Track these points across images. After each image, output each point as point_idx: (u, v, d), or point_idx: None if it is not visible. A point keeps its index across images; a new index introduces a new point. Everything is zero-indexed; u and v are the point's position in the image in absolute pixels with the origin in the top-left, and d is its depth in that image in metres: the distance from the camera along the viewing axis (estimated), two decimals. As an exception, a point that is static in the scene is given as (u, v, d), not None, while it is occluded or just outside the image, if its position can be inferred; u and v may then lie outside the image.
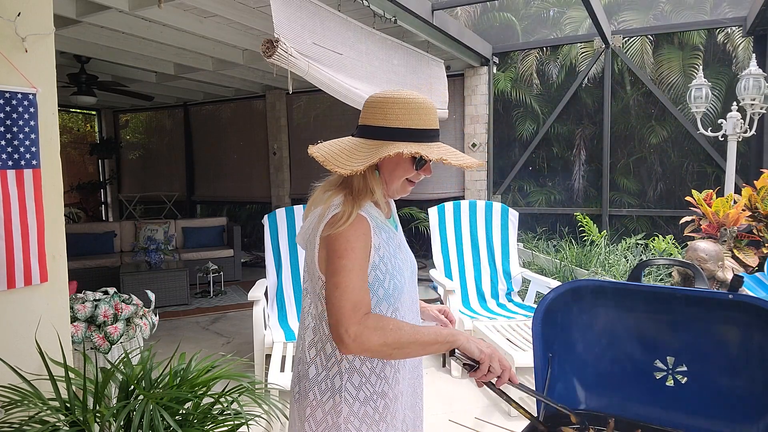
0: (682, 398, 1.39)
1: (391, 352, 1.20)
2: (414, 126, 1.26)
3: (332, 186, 1.34)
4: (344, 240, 1.23)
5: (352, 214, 1.25)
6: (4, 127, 1.99)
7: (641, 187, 6.24)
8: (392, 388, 1.34)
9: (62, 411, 1.74)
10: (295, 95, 8.13)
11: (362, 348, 1.17)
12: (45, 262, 2.15)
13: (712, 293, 1.32)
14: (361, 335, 1.16)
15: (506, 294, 4.67)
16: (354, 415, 1.29)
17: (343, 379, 1.29)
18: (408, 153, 1.21)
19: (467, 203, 4.88)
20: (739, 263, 3.76)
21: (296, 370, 1.38)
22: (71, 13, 4.13)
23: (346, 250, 1.23)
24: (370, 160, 1.21)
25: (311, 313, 1.35)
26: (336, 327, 1.18)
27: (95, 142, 10.41)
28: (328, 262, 1.25)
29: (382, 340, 1.17)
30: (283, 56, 3.05)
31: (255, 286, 3.91)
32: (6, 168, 2.00)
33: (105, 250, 6.95)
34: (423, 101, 1.29)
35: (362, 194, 1.29)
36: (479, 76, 6.73)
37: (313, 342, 1.34)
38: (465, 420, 3.20)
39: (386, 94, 1.29)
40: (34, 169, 2.09)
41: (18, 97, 2.02)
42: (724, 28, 5.70)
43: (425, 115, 1.28)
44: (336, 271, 1.22)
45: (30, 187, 2.08)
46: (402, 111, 1.26)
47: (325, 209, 1.29)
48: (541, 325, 1.49)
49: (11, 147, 2.01)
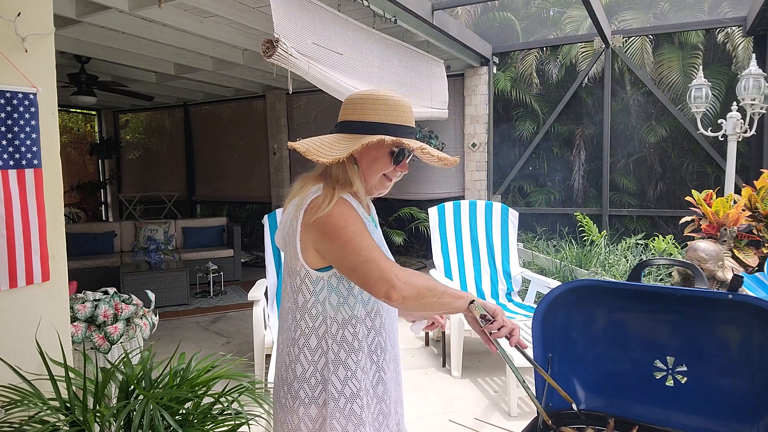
0: (682, 398, 1.39)
1: (427, 297, 1.23)
2: (393, 121, 1.30)
3: (309, 178, 1.37)
4: (336, 214, 1.24)
5: (334, 196, 1.26)
6: (5, 127, 1.99)
7: (641, 187, 6.24)
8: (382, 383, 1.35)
9: (62, 411, 1.74)
10: (295, 95, 8.13)
11: (411, 288, 1.20)
12: (47, 261, 2.16)
13: (712, 293, 1.32)
14: (408, 278, 1.20)
15: (506, 294, 4.67)
16: (345, 408, 1.29)
17: (330, 371, 1.29)
18: (390, 140, 1.25)
19: (467, 203, 4.88)
20: (739, 263, 3.76)
21: (279, 374, 1.37)
22: (71, 13, 4.13)
23: (345, 219, 1.24)
24: (352, 148, 1.24)
25: (291, 309, 1.34)
26: (381, 281, 1.19)
27: (95, 142, 10.41)
28: (330, 241, 1.25)
29: (423, 283, 1.22)
30: (283, 56, 3.05)
31: (255, 286, 3.91)
32: (7, 168, 2.00)
33: (105, 250, 6.94)
34: (400, 99, 1.34)
35: (342, 185, 1.31)
36: (479, 76, 6.73)
37: (294, 340, 1.33)
38: (465, 420, 3.20)
39: (365, 93, 1.34)
40: (36, 169, 2.09)
41: (19, 96, 2.02)
42: (724, 28, 5.70)
43: (403, 112, 1.33)
44: (349, 241, 1.22)
45: (32, 187, 2.08)
46: (381, 107, 1.30)
47: (302, 198, 1.31)
48: (541, 325, 1.49)
49: (12, 147, 2.01)
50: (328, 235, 1.24)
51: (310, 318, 1.31)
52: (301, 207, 1.29)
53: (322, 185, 1.30)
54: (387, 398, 1.37)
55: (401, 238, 7.49)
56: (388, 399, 1.37)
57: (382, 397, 1.35)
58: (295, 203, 1.33)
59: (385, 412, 1.36)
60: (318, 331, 1.30)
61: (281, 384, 1.35)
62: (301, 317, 1.32)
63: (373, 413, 1.34)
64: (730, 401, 1.34)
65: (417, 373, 3.94)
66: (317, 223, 1.24)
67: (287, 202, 1.39)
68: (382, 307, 1.35)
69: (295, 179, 1.41)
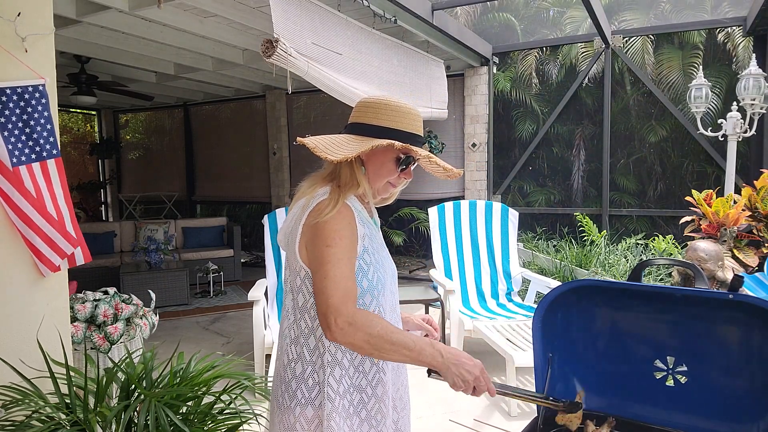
0: (682, 398, 1.39)
1: (372, 351, 1.21)
2: (404, 128, 1.33)
3: (318, 179, 1.38)
4: (332, 228, 1.25)
5: (338, 201, 1.27)
6: (21, 122, 2.03)
7: (641, 187, 6.24)
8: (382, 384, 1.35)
9: (63, 410, 1.74)
10: (295, 95, 8.13)
11: (347, 340, 1.19)
12: (84, 243, 2.26)
13: (712, 293, 1.32)
14: (348, 328, 1.18)
15: (506, 294, 4.67)
16: (341, 409, 1.29)
17: (326, 373, 1.29)
18: (400, 146, 1.28)
19: (467, 203, 4.88)
20: (739, 263, 3.76)
21: (278, 373, 1.37)
22: (71, 13, 4.13)
23: (334, 238, 1.24)
24: (361, 149, 1.25)
25: (291, 309, 1.35)
26: (325, 315, 1.20)
27: (95, 142, 10.41)
28: (314, 250, 1.26)
29: (366, 338, 1.19)
30: (282, 56, 3.05)
31: (255, 286, 3.92)
32: (30, 161, 2.06)
33: (105, 250, 6.95)
34: (412, 109, 1.37)
35: (349, 186, 1.32)
36: (479, 76, 6.73)
37: (295, 338, 1.33)
38: (465, 420, 3.20)
39: (379, 98, 1.36)
40: (56, 159, 2.15)
41: (29, 90, 2.05)
42: (724, 28, 5.70)
43: (414, 121, 1.35)
44: (325, 260, 1.23)
45: (55, 176, 2.15)
46: (393, 114, 1.33)
47: (309, 199, 1.31)
48: (541, 325, 1.49)
49: (32, 141, 2.06)
50: (315, 243, 1.26)
51: (310, 318, 1.31)
52: (306, 208, 1.30)
53: (329, 188, 1.31)
54: (386, 398, 1.37)
55: (401, 238, 7.49)
56: (386, 398, 1.37)
57: (380, 397, 1.35)
58: (301, 204, 1.34)
59: (383, 411, 1.36)
60: (316, 333, 1.31)
61: (279, 382, 1.36)
62: (300, 317, 1.33)
63: (370, 412, 1.34)
64: (730, 401, 1.34)
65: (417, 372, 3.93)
66: (315, 227, 1.26)
67: (294, 200, 1.40)
68: (383, 309, 1.35)
69: (304, 178, 1.42)
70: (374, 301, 1.32)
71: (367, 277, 1.31)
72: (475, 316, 4.24)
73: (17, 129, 2.02)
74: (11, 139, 2.00)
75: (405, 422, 1.48)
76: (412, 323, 1.60)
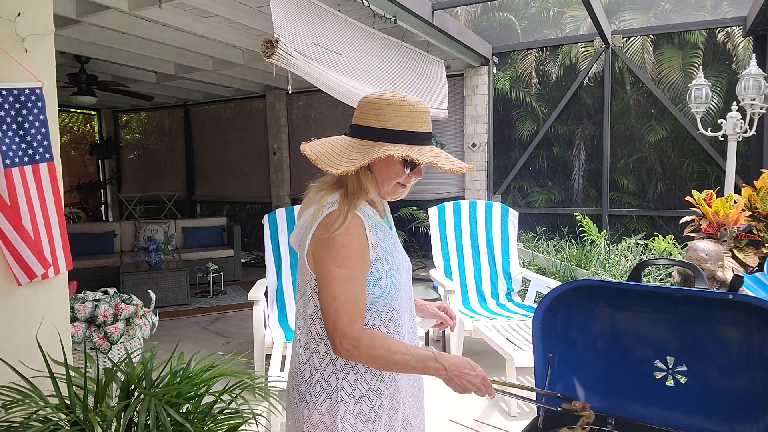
0: (682, 398, 1.39)
1: (377, 368, 1.29)
2: (406, 128, 1.26)
3: (326, 185, 1.35)
4: (341, 246, 1.24)
5: (348, 213, 1.25)
6: (16, 124, 2.02)
7: (641, 187, 6.24)
8: (388, 387, 1.35)
9: (63, 410, 1.74)
10: (295, 95, 8.13)
11: (352, 359, 1.27)
12: (69, 251, 2.23)
13: (712, 293, 1.32)
14: (353, 350, 1.24)
15: (506, 294, 4.67)
16: (350, 414, 1.29)
17: (339, 378, 1.29)
18: (399, 156, 1.21)
19: (467, 203, 4.88)
20: (739, 263, 3.76)
21: (291, 372, 1.39)
22: (71, 13, 4.13)
23: (344, 258, 1.23)
24: (360, 161, 1.22)
25: (303, 314, 1.35)
26: (332, 337, 1.25)
27: (95, 142, 10.40)
28: (323, 266, 1.25)
29: (369, 360, 1.25)
30: (282, 56, 3.05)
31: (255, 286, 3.91)
32: (23, 164, 2.05)
33: (105, 250, 6.94)
34: (417, 104, 1.29)
35: (357, 193, 1.30)
36: (479, 76, 6.73)
37: (305, 343, 1.34)
38: (465, 420, 3.20)
39: (380, 95, 1.30)
40: (49, 163, 2.13)
41: (26, 92, 2.04)
42: (724, 28, 5.70)
43: (418, 117, 1.28)
44: (334, 281, 1.23)
45: (47, 181, 2.12)
46: (395, 113, 1.26)
47: (318, 208, 1.29)
48: (541, 325, 1.49)
49: (25, 143, 2.05)
50: (324, 259, 1.25)
51: (321, 326, 1.31)
52: (316, 218, 1.28)
53: (338, 197, 1.29)
54: (398, 394, 1.38)
55: (401, 238, 7.48)
56: (399, 395, 1.38)
57: (393, 395, 1.37)
58: (311, 212, 1.32)
59: (395, 407, 1.38)
60: (326, 341, 1.30)
61: (292, 381, 1.37)
62: (311, 324, 1.33)
63: (387, 411, 1.35)
64: (730, 401, 1.34)
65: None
66: (325, 242, 1.25)
67: (303, 206, 1.38)
68: (396, 312, 1.34)
69: (311, 181, 1.39)
70: (386, 306, 1.32)
71: (379, 285, 1.30)
72: (475, 316, 4.24)
73: (11, 131, 2.00)
74: (5, 140, 1.98)
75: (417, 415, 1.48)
76: (428, 311, 1.60)
